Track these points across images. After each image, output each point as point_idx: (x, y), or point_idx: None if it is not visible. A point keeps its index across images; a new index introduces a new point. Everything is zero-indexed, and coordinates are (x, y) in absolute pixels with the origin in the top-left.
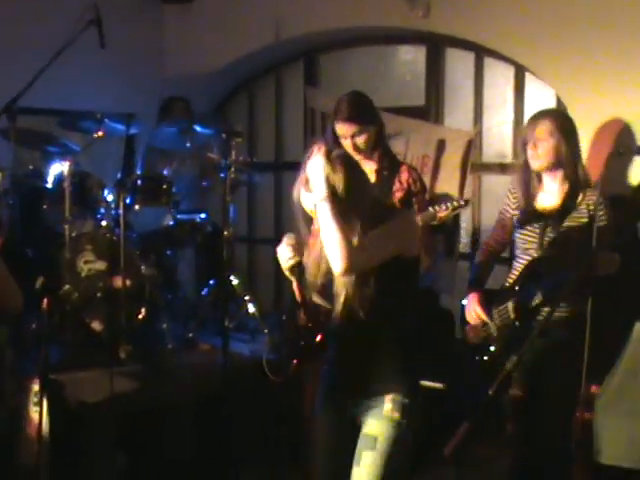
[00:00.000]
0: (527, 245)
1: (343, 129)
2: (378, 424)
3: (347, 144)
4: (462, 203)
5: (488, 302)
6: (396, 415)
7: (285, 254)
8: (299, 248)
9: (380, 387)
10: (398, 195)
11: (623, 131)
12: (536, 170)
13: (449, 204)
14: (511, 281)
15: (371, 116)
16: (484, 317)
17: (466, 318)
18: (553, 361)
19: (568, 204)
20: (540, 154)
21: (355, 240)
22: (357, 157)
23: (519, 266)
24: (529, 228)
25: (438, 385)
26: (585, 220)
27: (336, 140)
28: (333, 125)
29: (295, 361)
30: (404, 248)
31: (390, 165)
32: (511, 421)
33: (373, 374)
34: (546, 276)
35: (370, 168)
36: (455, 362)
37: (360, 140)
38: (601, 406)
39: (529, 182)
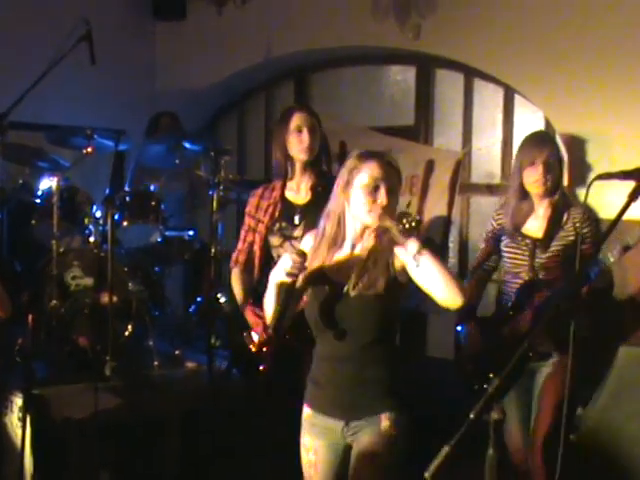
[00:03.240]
0: (517, 269)
1: (301, 119)
2: (375, 440)
3: (302, 139)
4: (418, 218)
5: (484, 329)
6: (393, 431)
7: (286, 266)
8: (302, 265)
9: (375, 406)
10: None
11: None
12: (538, 194)
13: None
14: (500, 306)
15: (321, 125)
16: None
17: (461, 345)
18: (542, 382)
19: (555, 225)
20: (549, 179)
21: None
22: (303, 158)
23: (510, 290)
24: (518, 252)
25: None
26: (572, 238)
27: (286, 155)
28: (284, 126)
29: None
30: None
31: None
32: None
33: (367, 394)
34: (538, 299)
35: (306, 183)
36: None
37: (316, 136)
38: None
39: (522, 206)
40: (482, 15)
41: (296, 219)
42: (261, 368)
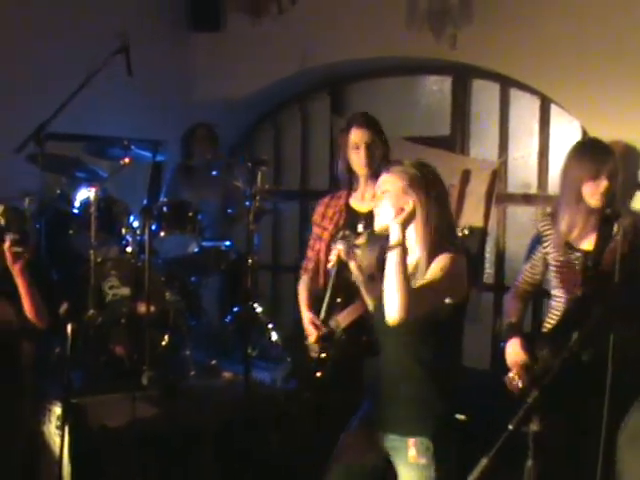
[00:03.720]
0: (569, 284)
1: (358, 135)
2: (406, 472)
3: (360, 155)
4: (466, 233)
5: (530, 346)
6: (422, 461)
7: (334, 254)
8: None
9: (406, 427)
10: None
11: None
12: (595, 207)
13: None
14: (551, 322)
15: (382, 134)
16: (527, 363)
17: (507, 363)
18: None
19: (606, 238)
20: (611, 192)
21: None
22: (364, 172)
23: (559, 305)
24: (569, 266)
25: (461, 417)
26: (624, 251)
27: (349, 168)
28: (346, 139)
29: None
30: (453, 293)
31: None
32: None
33: (399, 413)
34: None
35: (369, 192)
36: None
37: (374, 151)
38: (623, 442)
39: (577, 219)
40: (518, 25)
41: (360, 227)
42: (318, 374)
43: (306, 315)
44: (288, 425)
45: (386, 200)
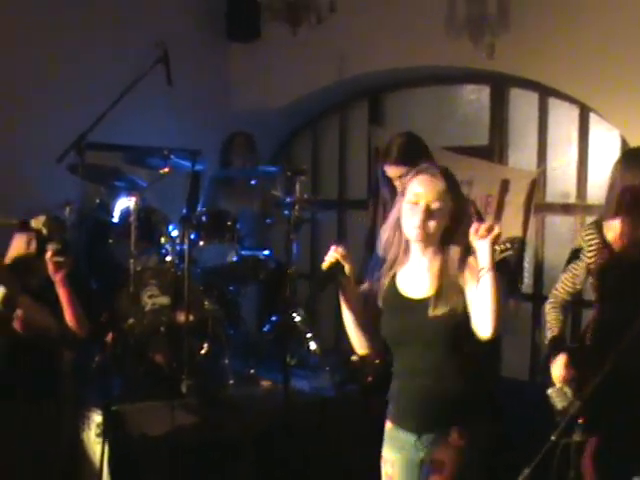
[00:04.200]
0: (620, 296)
1: (392, 171)
2: (444, 452)
3: (399, 185)
4: (508, 246)
5: (576, 362)
6: (462, 443)
7: (330, 253)
8: (345, 255)
9: (446, 419)
10: None
11: None
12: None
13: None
14: (601, 337)
15: (420, 159)
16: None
17: (553, 378)
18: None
19: None
20: None
21: None
22: None
23: (609, 320)
24: (622, 277)
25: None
26: None
27: (387, 180)
28: (382, 166)
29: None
30: None
31: None
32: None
33: (438, 408)
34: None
35: None
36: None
37: None
38: None
39: (630, 228)
40: (556, 33)
41: None
42: (369, 379)
43: None
44: (327, 433)
45: (431, 216)
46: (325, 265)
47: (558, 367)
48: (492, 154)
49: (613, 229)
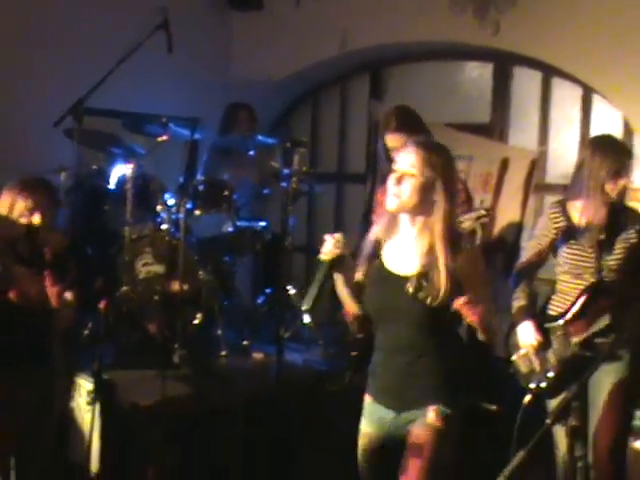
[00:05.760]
0: (579, 270)
1: (392, 140)
2: (421, 432)
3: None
4: (483, 213)
5: (543, 329)
6: (438, 424)
7: (329, 245)
8: (344, 244)
9: (425, 398)
10: None
11: None
12: (610, 198)
13: (472, 214)
14: (560, 306)
15: (419, 130)
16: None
17: (520, 343)
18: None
19: (616, 227)
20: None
21: None
22: None
23: (567, 290)
24: (584, 253)
25: (492, 407)
26: (634, 241)
27: (387, 154)
28: (384, 138)
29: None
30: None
31: None
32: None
33: (417, 386)
34: (609, 301)
35: None
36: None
37: None
38: None
39: (594, 207)
40: (562, 12)
41: None
42: (353, 354)
43: None
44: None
45: (407, 184)
46: (325, 257)
47: (525, 333)
48: (493, 132)
49: (576, 209)
